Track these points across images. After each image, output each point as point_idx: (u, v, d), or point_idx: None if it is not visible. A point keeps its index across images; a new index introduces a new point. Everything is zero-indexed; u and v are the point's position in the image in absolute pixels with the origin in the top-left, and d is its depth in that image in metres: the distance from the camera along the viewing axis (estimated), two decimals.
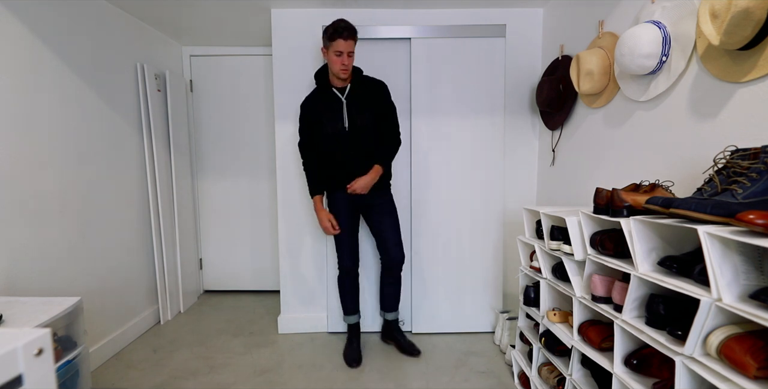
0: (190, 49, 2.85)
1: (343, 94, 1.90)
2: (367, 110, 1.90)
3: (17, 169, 1.55)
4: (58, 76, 1.75)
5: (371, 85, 1.95)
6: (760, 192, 0.81)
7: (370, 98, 1.92)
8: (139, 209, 2.31)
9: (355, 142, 1.90)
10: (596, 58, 1.58)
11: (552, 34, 2.11)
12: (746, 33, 0.94)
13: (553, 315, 1.42)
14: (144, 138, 2.35)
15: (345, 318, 2.13)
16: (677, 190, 1.24)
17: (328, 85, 1.92)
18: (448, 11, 2.19)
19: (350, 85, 1.90)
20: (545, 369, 1.51)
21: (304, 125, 1.97)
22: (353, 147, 1.90)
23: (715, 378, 0.77)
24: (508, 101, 2.25)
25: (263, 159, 2.96)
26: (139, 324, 2.29)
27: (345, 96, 1.90)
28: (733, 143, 1.07)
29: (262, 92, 2.89)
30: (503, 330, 2.07)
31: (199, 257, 3.01)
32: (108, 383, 1.82)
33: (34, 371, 0.45)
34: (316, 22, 2.18)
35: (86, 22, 1.91)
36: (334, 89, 1.91)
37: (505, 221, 2.34)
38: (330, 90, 1.91)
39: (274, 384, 1.80)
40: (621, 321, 1.04)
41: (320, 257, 2.35)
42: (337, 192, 1.99)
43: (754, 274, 0.78)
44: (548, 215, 1.43)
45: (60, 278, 1.74)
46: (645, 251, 0.99)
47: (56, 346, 1.24)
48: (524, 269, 1.67)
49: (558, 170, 2.07)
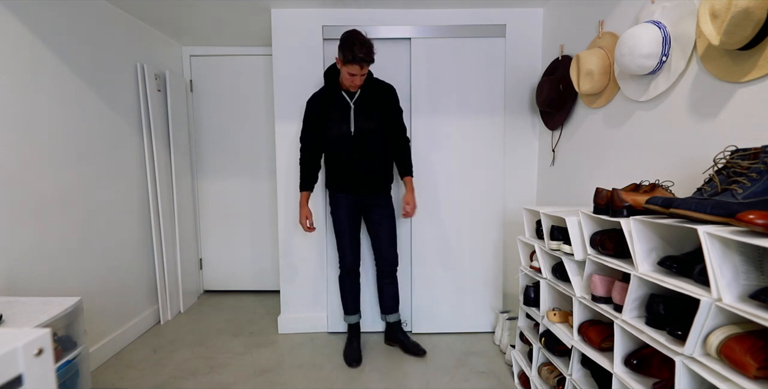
0: (190, 49, 2.85)
1: (351, 99, 1.91)
2: (375, 114, 1.92)
3: (17, 169, 1.55)
4: (58, 76, 1.74)
5: (381, 89, 1.96)
6: (760, 192, 0.81)
7: (379, 103, 1.94)
8: (139, 209, 2.31)
9: (359, 145, 1.91)
10: (596, 58, 1.58)
11: (552, 34, 2.11)
12: (746, 33, 0.94)
13: (553, 315, 1.42)
14: (144, 138, 2.35)
15: (345, 318, 2.13)
16: (677, 190, 1.24)
17: (337, 87, 1.92)
18: (448, 11, 2.19)
19: (360, 90, 1.91)
20: (545, 369, 1.51)
21: (309, 123, 1.97)
22: (357, 150, 1.91)
23: (715, 378, 0.77)
24: (508, 101, 2.25)
25: (263, 159, 2.96)
26: (139, 324, 2.29)
27: (354, 101, 1.90)
28: (733, 143, 1.07)
29: (262, 92, 2.89)
30: (503, 330, 2.07)
31: (199, 257, 3.01)
32: (108, 383, 1.82)
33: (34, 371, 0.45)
34: (316, 22, 2.18)
35: (86, 22, 1.91)
36: (343, 92, 1.91)
37: (505, 221, 2.34)
38: (339, 92, 1.92)
39: (274, 384, 1.80)
40: (621, 321, 1.04)
41: (320, 257, 2.35)
42: (339, 193, 2.01)
43: (754, 274, 0.78)
44: (548, 215, 1.43)
45: (60, 278, 1.74)
46: (645, 251, 0.99)
47: (56, 346, 1.24)
48: (524, 269, 1.67)
49: (558, 170, 2.07)
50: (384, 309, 2.14)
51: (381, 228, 2.03)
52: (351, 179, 1.95)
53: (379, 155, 1.95)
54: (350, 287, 2.09)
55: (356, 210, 2.03)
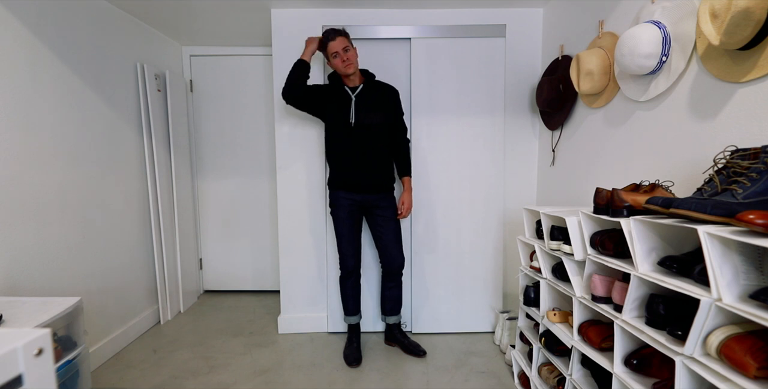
0: (190, 49, 2.85)
1: (353, 93, 1.94)
2: (376, 110, 1.94)
3: (17, 169, 1.55)
4: (58, 76, 1.74)
5: (383, 89, 2.00)
6: (760, 192, 0.81)
7: (381, 101, 1.97)
8: (139, 209, 2.31)
9: (360, 139, 1.92)
10: (596, 58, 1.58)
11: (552, 34, 2.11)
12: (746, 33, 0.94)
13: (553, 315, 1.42)
14: (144, 138, 2.35)
15: (346, 319, 2.13)
16: (677, 190, 1.24)
17: (340, 84, 1.97)
18: (448, 11, 2.19)
19: (362, 86, 1.95)
20: (545, 369, 1.51)
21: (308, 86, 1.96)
22: (358, 144, 1.92)
23: (715, 378, 0.77)
24: (508, 101, 2.25)
25: (263, 159, 2.96)
26: (139, 324, 2.29)
27: (355, 94, 1.93)
28: (733, 143, 1.07)
29: (262, 92, 2.89)
30: (503, 330, 2.07)
31: (199, 257, 3.01)
32: (108, 383, 1.82)
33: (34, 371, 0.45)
34: (316, 22, 2.18)
35: (86, 22, 1.91)
36: (345, 87, 1.96)
37: (505, 221, 2.34)
38: (342, 87, 1.96)
39: (274, 384, 1.80)
40: (621, 321, 1.04)
41: (320, 257, 2.35)
42: (339, 191, 2.00)
43: (754, 274, 0.78)
44: (548, 215, 1.43)
45: (60, 278, 1.74)
46: (645, 251, 0.99)
47: (56, 346, 1.24)
48: (524, 269, 1.67)
49: (558, 170, 2.06)
50: (385, 312, 2.14)
51: (385, 231, 2.01)
52: (352, 174, 1.94)
53: (380, 152, 1.95)
54: (351, 289, 2.09)
55: (357, 211, 2.02)
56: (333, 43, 1.85)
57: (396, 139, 2.03)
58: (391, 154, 2.04)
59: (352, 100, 1.93)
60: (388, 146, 2.00)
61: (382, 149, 1.97)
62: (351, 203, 1.99)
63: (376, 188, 1.98)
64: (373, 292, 2.32)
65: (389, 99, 1.99)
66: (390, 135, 2.00)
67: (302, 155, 2.28)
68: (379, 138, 1.95)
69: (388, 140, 1.99)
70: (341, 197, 1.99)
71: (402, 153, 2.04)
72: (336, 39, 1.85)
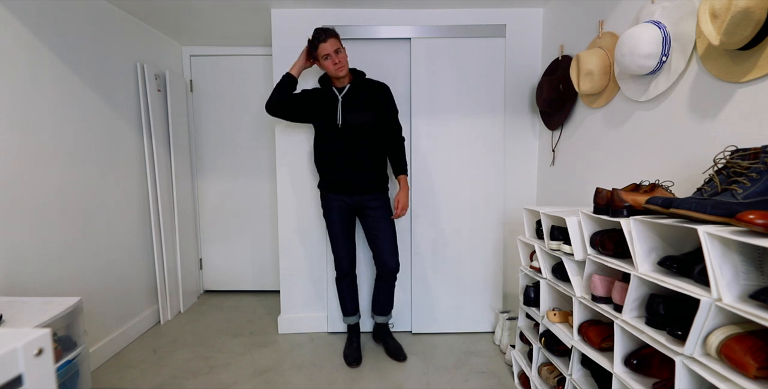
0: (190, 49, 2.85)
1: (340, 93, 1.91)
2: (363, 109, 1.90)
3: (17, 169, 1.55)
4: (58, 76, 1.74)
5: (373, 87, 1.95)
6: (760, 192, 0.81)
7: (370, 99, 1.92)
8: (139, 209, 2.31)
9: (348, 141, 1.89)
10: (596, 58, 1.58)
11: (552, 34, 2.11)
12: (746, 33, 0.94)
13: (553, 315, 1.42)
14: (144, 138, 2.35)
15: (344, 319, 2.13)
16: (677, 190, 1.24)
17: (328, 85, 1.95)
18: (448, 11, 2.19)
19: (349, 86, 1.91)
20: (545, 369, 1.51)
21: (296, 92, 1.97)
22: (346, 146, 1.89)
23: (715, 378, 0.77)
24: (508, 101, 2.25)
25: (263, 159, 2.96)
26: (139, 324, 2.29)
27: (342, 95, 1.90)
28: (733, 143, 1.07)
29: (262, 92, 2.89)
30: (503, 330, 2.07)
31: (199, 257, 3.01)
32: (108, 383, 1.82)
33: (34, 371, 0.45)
34: (316, 22, 2.18)
35: (86, 22, 1.91)
36: (333, 88, 1.93)
37: (505, 221, 2.34)
38: (329, 88, 1.94)
39: (274, 384, 1.80)
40: (621, 321, 1.04)
41: (320, 258, 2.35)
42: (330, 194, 1.98)
43: (754, 274, 0.78)
44: (548, 215, 1.43)
45: (60, 278, 1.74)
46: (645, 251, 0.99)
47: (56, 346, 1.24)
48: (524, 269, 1.67)
49: (558, 170, 2.06)
50: (375, 310, 2.12)
51: (379, 234, 1.97)
52: (342, 176, 1.91)
53: (369, 152, 1.91)
54: (348, 290, 2.08)
55: (349, 213, 1.99)
56: (324, 44, 1.79)
57: (389, 137, 1.98)
58: (385, 152, 2.00)
59: (339, 100, 1.90)
60: (380, 145, 1.96)
61: (373, 149, 1.93)
62: (341, 205, 1.96)
63: (367, 189, 1.94)
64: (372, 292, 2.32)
65: (379, 97, 1.94)
66: (382, 134, 1.96)
67: (302, 154, 2.28)
68: (369, 138, 1.91)
69: (379, 139, 1.95)
70: (331, 199, 1.97)
71: (396, 151, 1.99)
72: (327, 40, 1.79)
